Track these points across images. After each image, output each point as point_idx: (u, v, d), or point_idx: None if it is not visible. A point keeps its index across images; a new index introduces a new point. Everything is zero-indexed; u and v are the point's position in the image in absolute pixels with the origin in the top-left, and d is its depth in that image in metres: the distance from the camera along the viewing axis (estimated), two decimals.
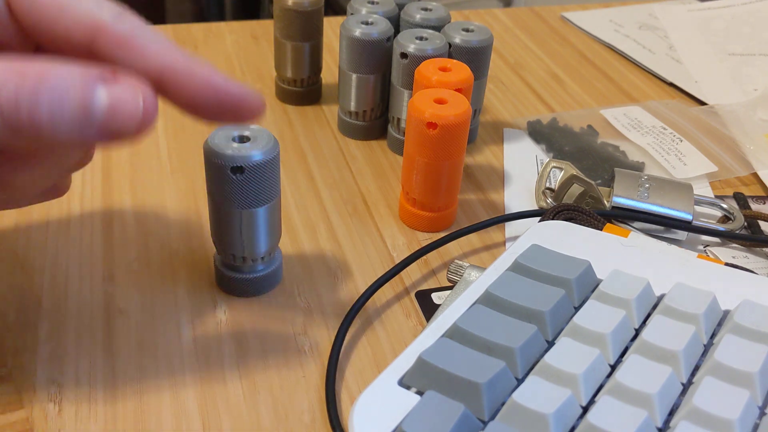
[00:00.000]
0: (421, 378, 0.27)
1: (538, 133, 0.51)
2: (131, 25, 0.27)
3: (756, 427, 0.25)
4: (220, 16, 1.97)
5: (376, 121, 0.50)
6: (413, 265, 0.39)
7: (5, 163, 0.29)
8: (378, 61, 0.47)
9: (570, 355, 0.27)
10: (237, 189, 0.32)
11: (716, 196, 0.46)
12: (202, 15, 2.06)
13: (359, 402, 0.26)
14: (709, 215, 0.44)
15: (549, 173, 0.45)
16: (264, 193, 0.33)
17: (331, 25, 0.65)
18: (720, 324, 0.30)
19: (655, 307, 0.31)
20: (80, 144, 0.29)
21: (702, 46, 0.67)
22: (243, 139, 0.33)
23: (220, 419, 0.31)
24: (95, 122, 0.24)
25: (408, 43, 0.44)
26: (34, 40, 0.29)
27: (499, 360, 0.27)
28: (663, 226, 0.42)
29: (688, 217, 0.41)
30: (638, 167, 0.48)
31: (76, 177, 0.44)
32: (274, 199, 0.34)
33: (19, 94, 0.23)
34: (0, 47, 0.29)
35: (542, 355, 0.28)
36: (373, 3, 0.49)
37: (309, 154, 0.48)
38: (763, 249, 0.42)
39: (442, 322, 0.30)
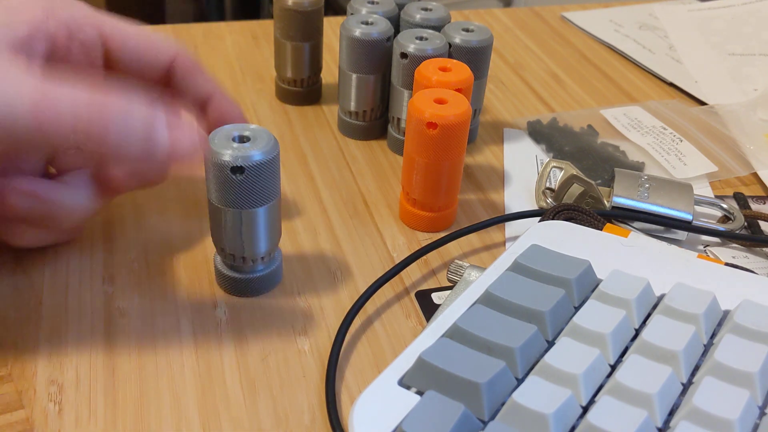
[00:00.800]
0: (421, 378, 0.27)
1: (538, 133, 0.51)
2: (193, 57, 0.38)
3: (756, 427, 0.25)
4: (220, 16, 1.97)
5: (376, 121, 0.50)
6: (413, 265, 0.39)
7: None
8: (378, 61, 0.47)
9: (570, 355, 0.27)
10: (237, 189, 0.32)
11: (716, 196, 0.46)
12: (202, 15, 2.06)
13: (359, 402, 0.26)
14: (709, 215, 0.44)
15: (549, 173, 0.45)
16: (264, 193, 0.33)
17: (331, 25, 0.65)
18: (720, 324, 0.30)
19: (655, 307, 0.31)
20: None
21: (702, 46, 0.67)
22: (243, 139, 0.33)
23: (220, 419, 0.31)
24: (157, 155, 0.30)
25: (408, 43, 0.44)
26: (115, 65, 0.36)
27: (499, 360, 0.27)
28: (663, 226, 0.42)
29: (688, 217, 0.41)
30: (638, 167, 0.48)
31: None
32: (274, 199, 0.34)
33: (94, 125, 0.29)
34: (76, 62, 0.35)
35: (542, 355, 0.28)
36: (373, 3, 0.49)
37: (309, 154, 0.48)
38: (763, 249, 0.42)
39: (442, 322, 0.30)
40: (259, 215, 0.33)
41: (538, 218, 0.40)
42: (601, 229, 0.37)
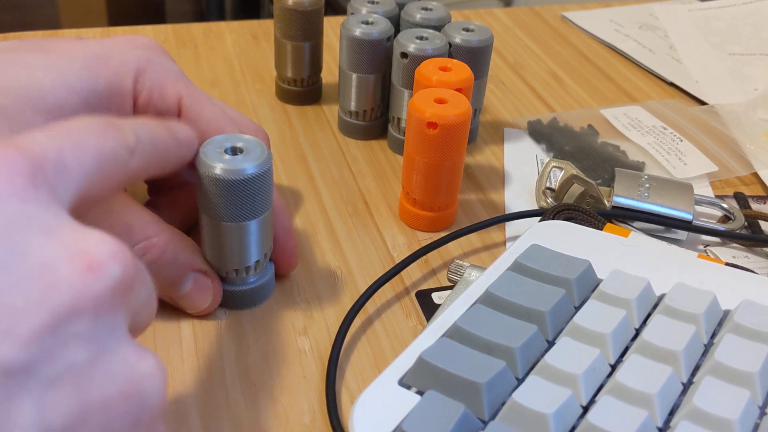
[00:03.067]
0: (421, 378, 0.27)
1: (539, 132, 0.51)
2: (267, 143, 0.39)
3: (756, 427, 0.25)
4: (220, 16, 1.97)
5: (376, 121, 0.50)
6: (413, 265, 0.39)
7: None
8: (378, 61, 0.47)
9: (570, 355, 0.27)
10: (226, 202, 0.31)
11: (716, 196, 0.46)
12: (202, 15, 2.06)
13: (359, 402, 0.26)
14: (709, 215, 0.44)
15: (549, 173, 0.44)
16: (255, 206, 0.32)
17: (331, 25, 0.65)
18: (720, 324, 0.30)
19: (655, 306, 0.31)
20: None
21: (702, 46, 0.67)
22: (235, 151, 0.32)
23: (220, 419, 0.31)
24: None
25: (408, 42, 0.44)
26: None
27: (500, 360, 0.27)
28: (663, 225, 0.42)
29: (689, 217, 0.41)
30: (638, 167, 0.48)
31: None
32: (266, 212, 0.33)
33: None
34: None
35: (542, 355, 0.28)
36: (373, 3, 0.49)
37: (309, 154, 0.48)
38: (764, 249, 0.42)
39: (443, 321, 0.30)
40: (249, 228, 0.33)
41: (539, 218, 0.40)
42: (601, 229, 0.37)
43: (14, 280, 0.19)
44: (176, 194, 0.38)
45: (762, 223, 0.44)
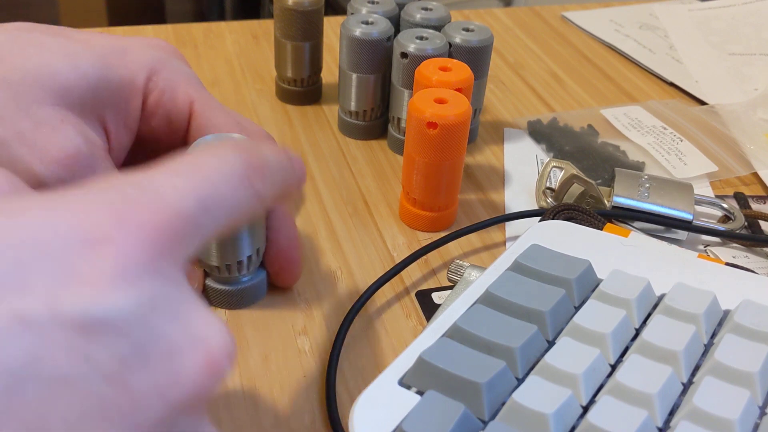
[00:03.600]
0: (421, 378, 0.27)
1: (539, 132, 0.51)
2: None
3: (756, 427, 0.25)
4: (220, 16, 1.97)
5: (376, 121, 0.50)
6: (413, 264, 0.39)
7: None
8: (378, 61, 0.47)
9: (570, 355, 0.27)
10: None
11: (717, 196, 0.46)
12: (202, 15, 2.06)
13: (359, 402, 0.26)
14: (709, 215, 0.44)
15: (549, 173, 0.44)
16: None
17: (331, 25, 0.65)
18: (720, 324, 0.30)
19: (655, 306, 0.31)
20: None
21: (702, 45, 0.67)
22: None
23: (220, 420, 0.31)
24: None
25: (408, 42, 0.44)
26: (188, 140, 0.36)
27: (500, 360, 0.27)
28: (663, 225, 0.42)
29: (689, 217, 0.41)
30: (638, 167, 0.48)
31: None
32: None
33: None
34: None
35: (542, 355, 0.28)
36: (373, 3, 0.49)
37: (309, 154, 0.48)
38: (764, 249, 0.42)
39: (443, 321, 0.30)
40: (241, 229, 0.33)
41: (539, 218, 0.40)
42: (601, 229, 0.37)
43: (147, 366, 0.19)
44: None
45: (762, 223, 0.44)
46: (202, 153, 0.23)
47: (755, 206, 0.46)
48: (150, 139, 0.35)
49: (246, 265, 0.34)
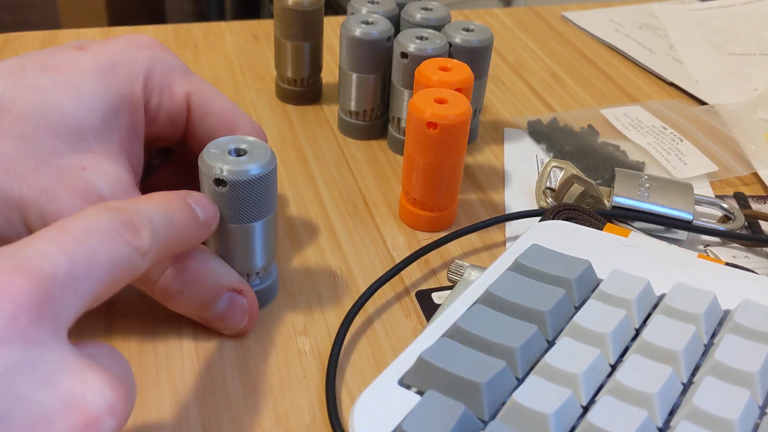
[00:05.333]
0: (421, 378, 0.27)
1: (539, 132, 0.51)
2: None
3: (756, 427, 0.25)
4: (220, 16, 1.97)
5: (376, 121, 0.50)
6: (413, 264, 0.39)
7: None
8: (378, 61, 0.47)
9: (570, 355, 0.27)
10: (230, 203, 0.31)
11: (717, 196, 0.46)
12: (202, 15, 2.06)
13: (359, 402, 0.26)
14: (709, 215, 0.44)
15: (549, 173, 0.44)
16: (259, 208, 0.32)
17: (331, 25, 0.65)
18: (720, 324, 0.30)
19: (655, 306, 0.31)
20: None
21: (702, 45, 0.67)
22: (239, 153, 0.32)
23: (220, 419, 0.31)
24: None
25: (408, 42, 0.44)
26: (188, 136, 0.36)
27: (500, 360, 0.27)
28: (663, 225, 0.42)
29: (689, 217, 0.41)
30: (638, 167, 0.48)
31: None
32: (270, 214, 0.33)
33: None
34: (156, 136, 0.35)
35: (542, 355, 0.28)
36: (373, 3, 0.49)
37: (309, 154, 0.48)
38: (764, 249, 0.42)
39: (443, 321, 0.30)
40: (254, 230, 0.32)
41: (539, 218, 0.40)
42: (601, 229, 0.37)
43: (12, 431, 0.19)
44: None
45: (762, 223, 0.44)
46: (71, 218, 0.24)
47: (755, 206, 0.46)
48: (153, 138, 0.35)
49: (258, 272, 0.34)
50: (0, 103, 0.30)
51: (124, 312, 0.35)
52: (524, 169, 0.48)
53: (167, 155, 0.39)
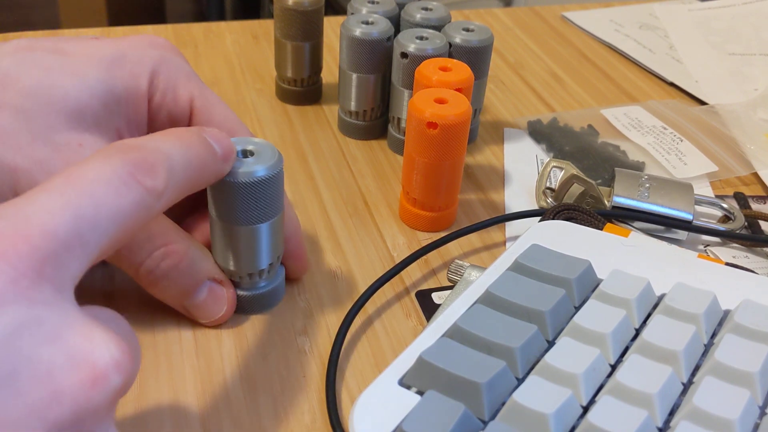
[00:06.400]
0: (421, 378, 0.27)
1: (539, 132, 0.51)
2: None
3: (756, 427, 0.25)
4: (220, 16, 1.97)
5: (376, 121, 0.50)
6: (413, 264, 0.39)
7: None
8: (378, 61, 0.47)
9: (570, 355, 0.27)
10: (237, 205, 0.31)
11: (717, 196, 0.46)
12: (202, 15, 2.06)
13: (359, 402, 0.26)
14: (709, 215, 0.44)
15: (549, 173, 0.44)
16: (267, 209, 0.32)
17: (331, 25, 0.65)
18: (720, 324, 0.30)
19: (655, 306, 0.31)
20: None
21: (702, 45, 0.67)
22: (246, 154, 0.31)
23: (220, 419, 0.31)
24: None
25: (408, 42, 0.44)
26: None
27: (500, 360, 0.27)
28: (663, 225, 0.42)
29: (689, 217, 0.41)
30: (638, 167, 0.48)
31: None
32: (277, 215, 0.33)
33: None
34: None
35: (542, 355, 0.28)
36: (373, 3, 0.49)
37: (309, 154, 0.48)
38: (764, 249, 0.42)
39: (443, 321, 0.30)
40: (261, 231, 0.32)
41: (539, 218, 0.40)
42: (601, 229, 0.37)
43: (19, 390, 0.19)
44: None
45: (762, 223, 0.44)
46: (80, 164, 0.23)
47: (755, 206, 0.46)
48: None
49: (267, 271, 0.34)
50: (6, 76, 0.30)
51: (124, 312, 0.35)
52: (524, 169, 0.48)
53: None
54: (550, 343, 0.29)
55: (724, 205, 0.43)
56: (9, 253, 0.20)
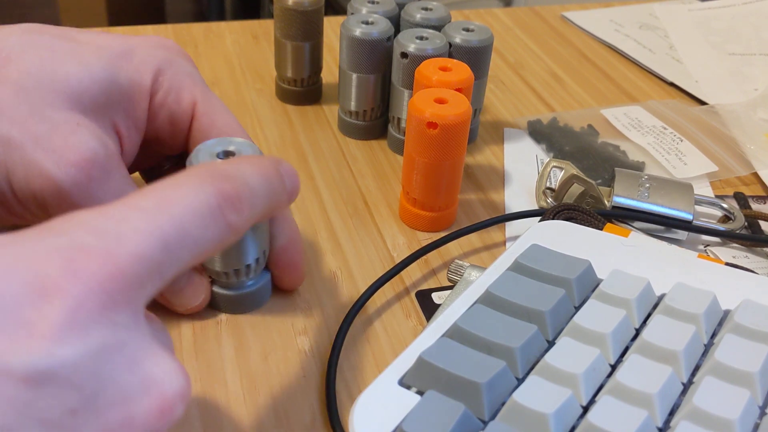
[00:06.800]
0: (421, 378, 0.27)
1: (539, 132, 0.51)
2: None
3: (756, 427, 0.25)
4: (220, 16, 1.97)
5: (376, 121, 0.50)
6: (413, 265, 0.39)
7: None
8: (378, 61, 0.47)
9: (570, 355, 0.27)
10: None
11: (716, 196, 0.46)
12: (202, 15, 2.06)
13: (359, 402, 0.26)
14: (709, 215, 0.44)
15: (549, 173, 0.44)
16: None
17: (331, 25, 0.65)
18: (720, 324, 0.30)
19: (655, 306, 0.31)
20: None
21: (702, 45, 0.67)
22: (228, 155, 0.32)
23: (220, 419, 0.31)
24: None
25: (408, 42, 0.44)
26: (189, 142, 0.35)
27: (500, 360, 0.27)
28: (663, 225, 0.42)
29: (689, 217, 0.41)
30: (638, 167, 0.48)
31: None
32: None
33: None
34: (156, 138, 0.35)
35: (542, 355, 0.28)
36: (373, 3, 0.49)
37: (309, 154, 0.48)
38: (764, 249, 0.42)
39: (443, 321, 0.30)
40: (246, 233, 0.32)
41: (539, 218, 0.40)
42: (601, 229, 0.37)
43: (98, 412, 0.19)
44: None
45: (762, 223, 0.44)
46: (173, 184, 0.23)
47: (755, 206, 0.46)
48: (153, 139, 0.35)
49: (253, 268, 0.34)
50: (11, 52, 0.31)
51: None
52: (524, 169, 0.48)
53: (177, 161, 0.39)
54: (550, 343, 0.29)
55: (724, 205, 0.43)
56: (99, 274, 0.20)
